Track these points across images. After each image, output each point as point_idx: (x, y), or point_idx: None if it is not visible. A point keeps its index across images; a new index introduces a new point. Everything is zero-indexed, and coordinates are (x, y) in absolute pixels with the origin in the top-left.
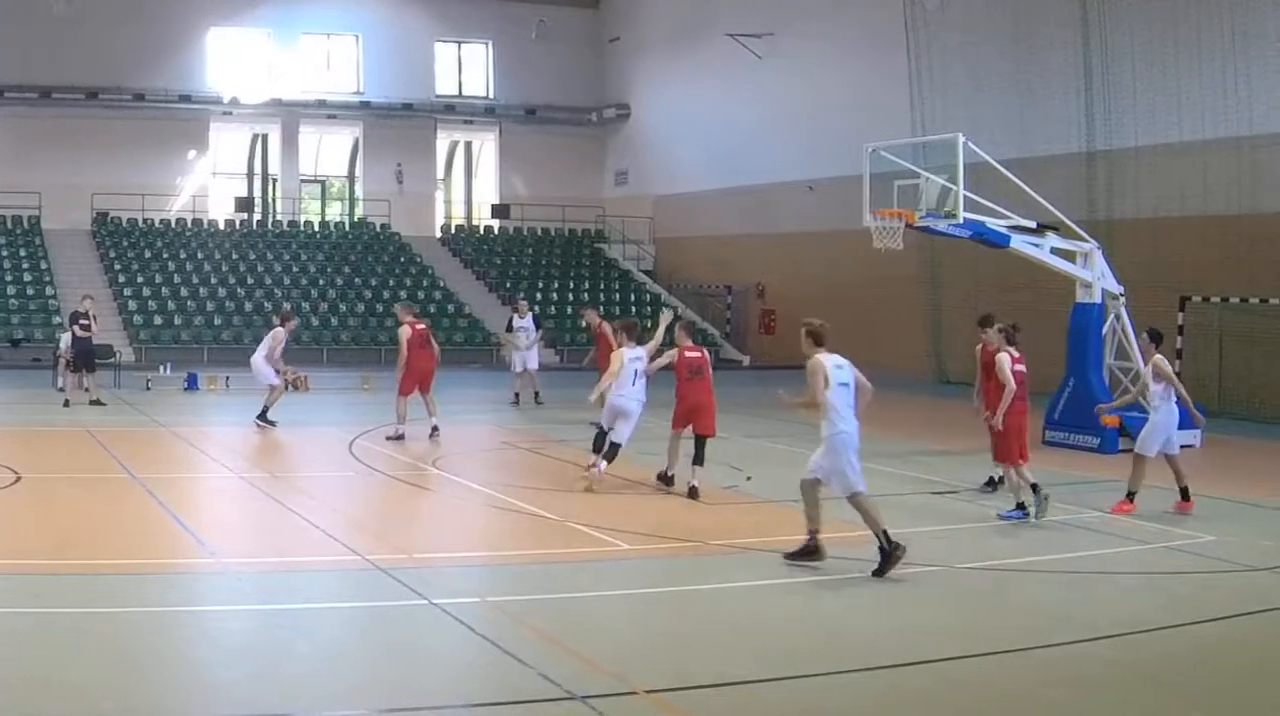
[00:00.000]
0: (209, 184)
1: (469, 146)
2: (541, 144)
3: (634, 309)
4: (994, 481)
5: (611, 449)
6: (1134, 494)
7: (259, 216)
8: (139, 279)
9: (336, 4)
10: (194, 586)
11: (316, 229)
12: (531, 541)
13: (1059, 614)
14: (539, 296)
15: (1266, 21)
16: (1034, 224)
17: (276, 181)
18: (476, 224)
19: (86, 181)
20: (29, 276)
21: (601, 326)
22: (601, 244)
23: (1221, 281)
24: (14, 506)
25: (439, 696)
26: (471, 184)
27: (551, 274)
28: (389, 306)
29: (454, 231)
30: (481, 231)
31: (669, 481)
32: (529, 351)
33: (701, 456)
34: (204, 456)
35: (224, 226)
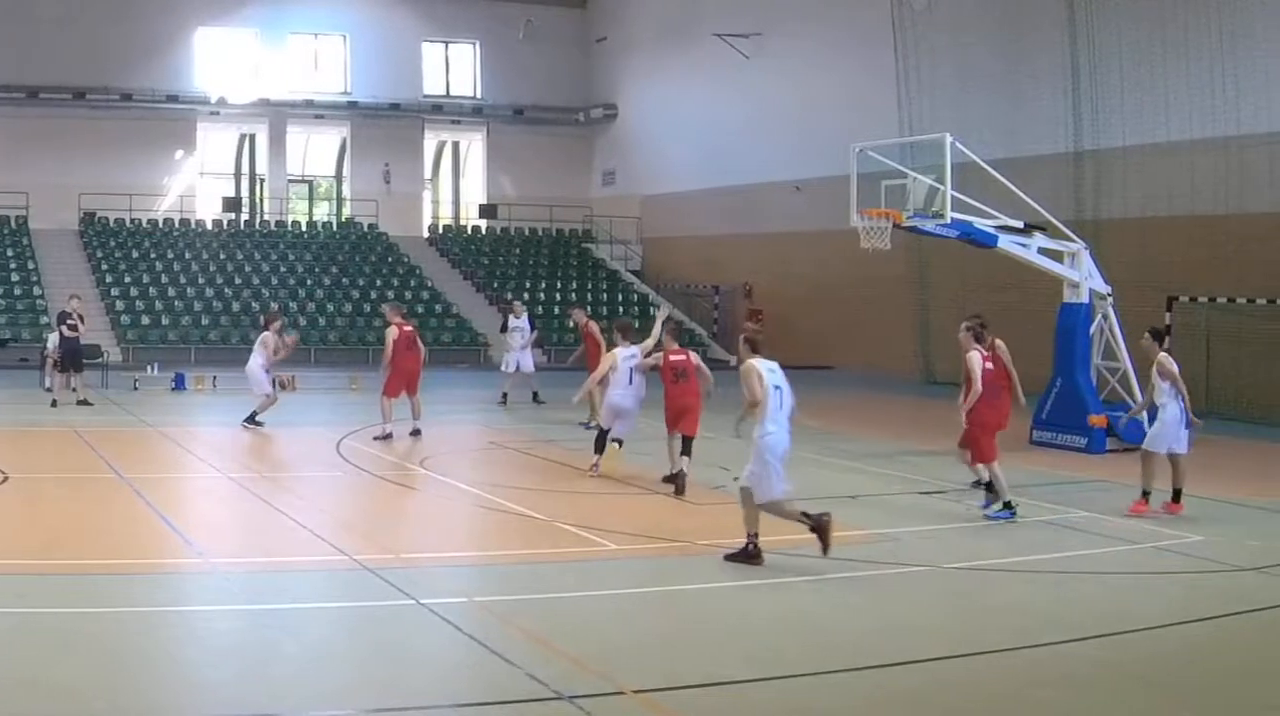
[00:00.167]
0: (196, 184)
1: (456, 146)
2: (529, 144)
3: (621, 309)
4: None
5: (601, 436)
6: (1148, 493)
7: (246, 216)
8: (126, 279)
9: (324, 4)
10: (181, 586)
11: (304, 229)
12: (519, 541)
13: (1047, 614)
14: (526, 296)
15: (1254, 21)
16: (1021, 224)
17: (264, 181)
18: (464, 224)
19: (74, 181)
20: (16, 276)
21: (589, 326)
22: (589, 244)
23: (1209, 281)
24: (1, 506)
25: (426, 696)
26: (459, 184)
27: (539, 274)
28: (376, 306)
29: (441, 231)
30: (469, 231)
31: (674, 479)
32: (523, 352)
33: (688, 449)
34: (191, 456)
35: (211, 226)
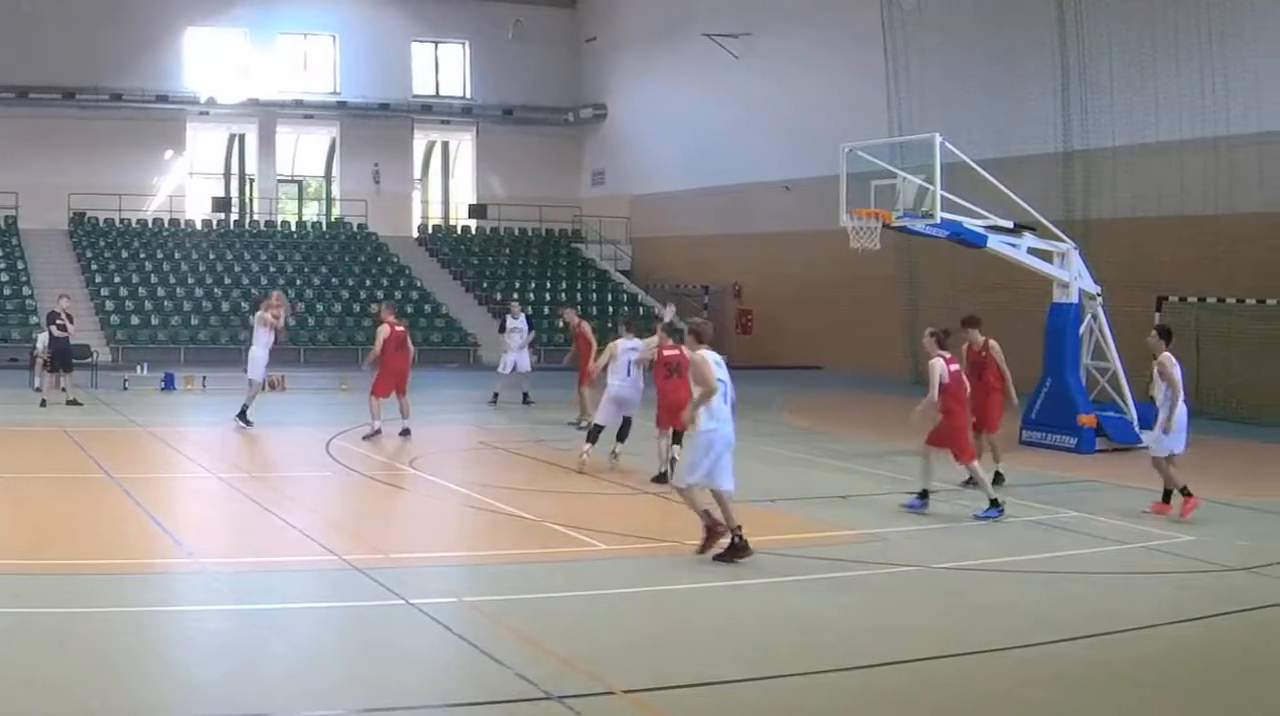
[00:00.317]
0: (186, 184)
1: (446, 146)
2: (518, 144)
3: (610, 309)
4: (999, 476)
5: (596, 429)
6: (1170, 493)
7: (236, 216)
8: (116, 279)
9: (313, 4)
10: (171, 586)
11: (293, 229)
12: (508, 541)
13: (1037, 613)
14: (515, 296)
15: (1243, 22)
16: (1011, 224)
17: (253, 181)
18: (453, 224)
19: (63, 181)
20: (5, 276)
21: (581, 326)
22: (578, 244)
23: (1198, 281)
24: None
25: (416, 696)
26: (448, 184)
27: (528, 274)
28: (366, 306)
29: (431, 231)
30: (458, 231)
31: (663, 479)
32: (520, 352)
33: (679, 441)
34: (181, 456)
35: (201, 226)
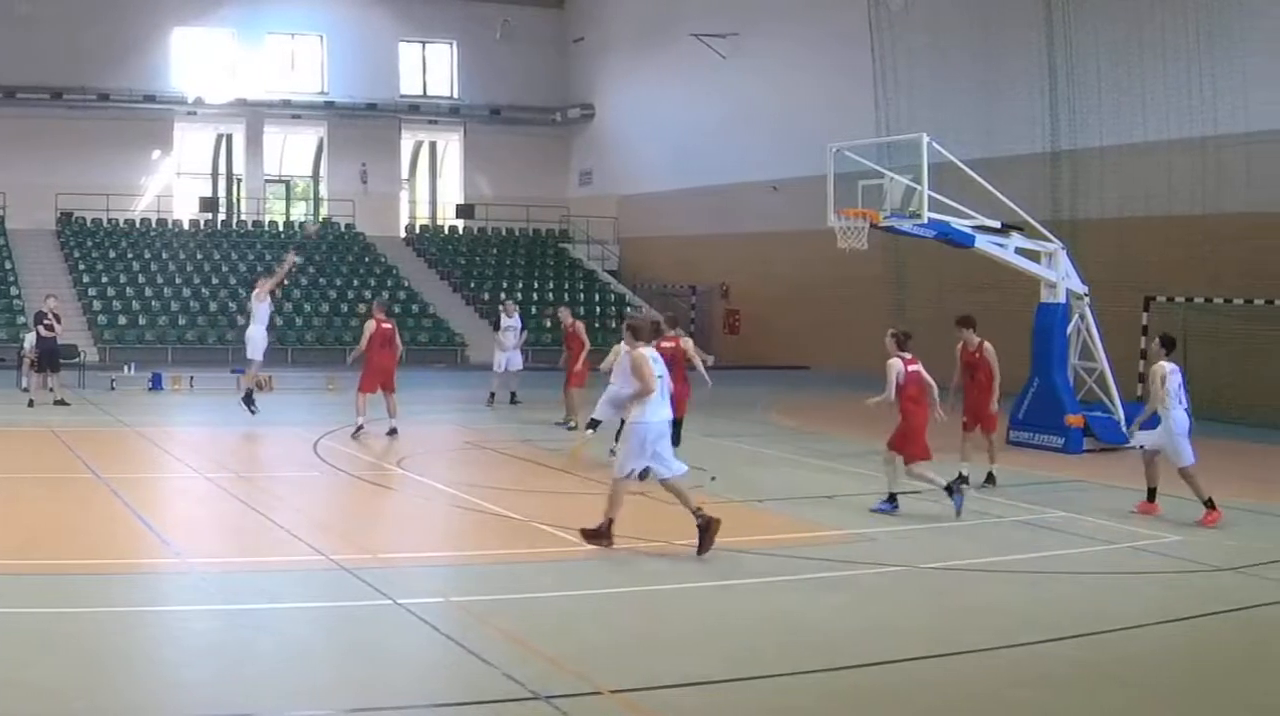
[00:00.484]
0: (173, 184)
1: (433, 146)
2: (506, 144)
3: (598, 309)
4: (962, 478)
5: (594, 423)
6: (1211, 501)
7: (223, 216)
8: (103, 279)
9: (301, 4)
10: (159, 586)
11: (281, 229)
12: (496, 541)
13: (1024, 614)
14: (503, 296)
15: (1231, 22)
16: (999, 224)
17: (241, 181)
18: (441, 224)
19: (51, 181)
20: None
21: (575, 326)
22: (566, 244)
23: (1186, 281)
24: None
25: (404, 696)
26: (436, 184)
27: (516, 274)
28: (354, 307)
29: (418, 231)
30: (446, 231)
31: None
32: (514, 352)
33: (677, 436)
34: (168, 456)
35: (188, 226)
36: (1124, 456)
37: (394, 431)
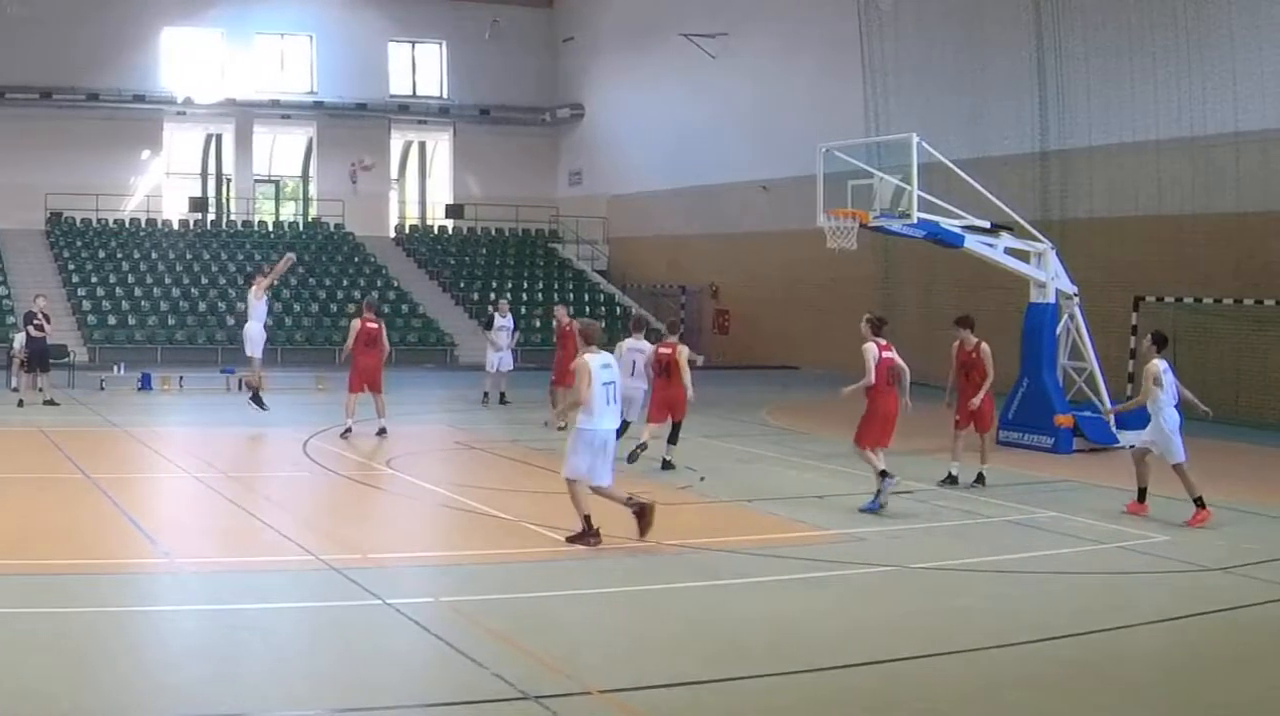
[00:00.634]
0: (163, 184)
1: (423, 146)
2: (495, 144)
3: (587, 309)
4: (952, 477)
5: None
6: (1201, 499)
7: (213, 216)
8: (93, 279)
9: (290, 4)
10: (148, 586)
11: (270, 229)
12: (486, 541)
13: (1014, 614)
14: (492, 296)
15: (1220, 22)
16: (988, 224)
17: (230, 181)
18: (430, 224)
19: (40, 181)
20: None
21: (571, 326)
22: (555, 244)
23: (1175, 281)
24: None
25: (393, 696)
26: (425, 184)
27: (505, 274)
28: (343, 307)
29: (408, 231)
30: (435, 231)
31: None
32: (506, 352)
33: (675, 436)
34: (158, 456)
35: (178, 226)
36: (1113, 456)
37: (383, 431)
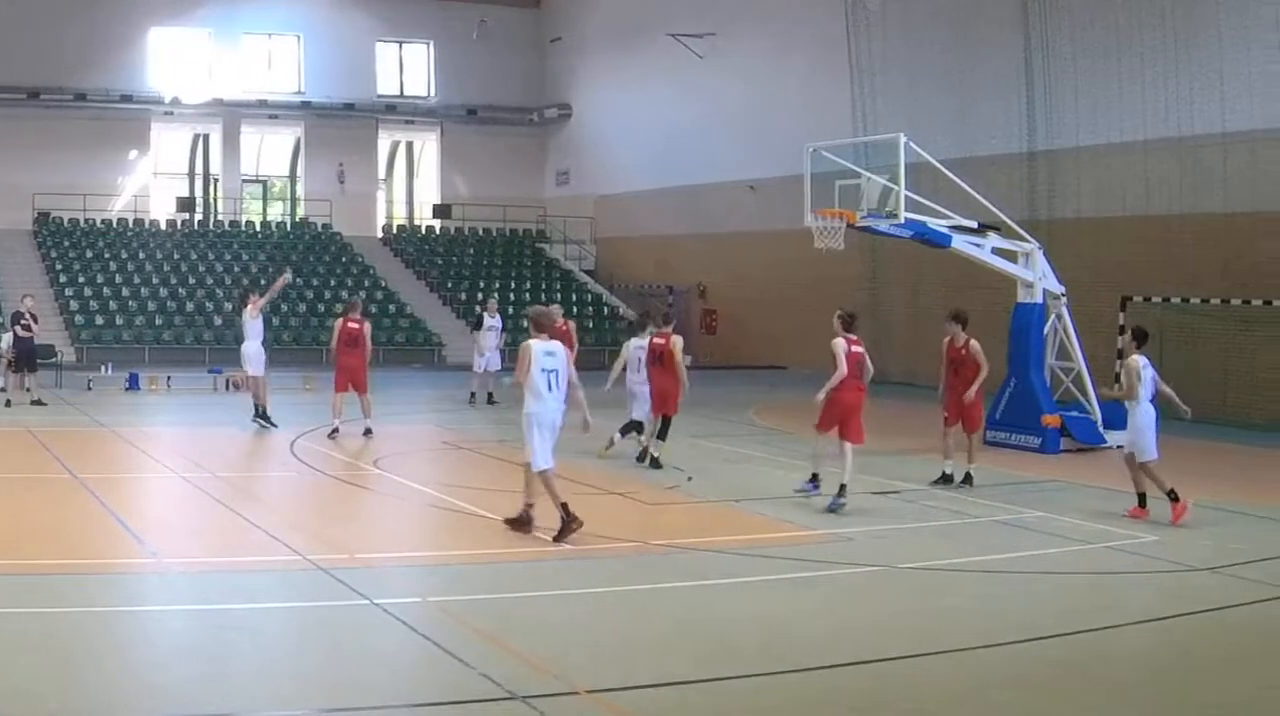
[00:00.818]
0: (150, 184)
1: (410, 146)
2: (483, 144)
3: (575, 309)
4: (946, 476)
5: (631, 425)
6: (1173, 492)
7: (200, 216)
8: (80, 279)
9: (278, 4)
10: (135, 586)
11: (258, 229)
12: (473, 541)
13: (1002, 614)
14: (480, 296)
15: (1207, 22)
16: (976, 224)
17: (218, 181)
18: (418, 224)
19: (27, 181)
20: None
21: (566, 326)
22: (543, 244)
23: (1163, 281)
24: None
25: (380, 696)
26: (413, 184)
27: (493, 274)
28: (330, 307)
29: (395, 231)
30: (423, 231)
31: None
32: (494, 352)
33: (665, 432)
34: (145, 456)
35: (165, 226)
36: (1101, 456)
37: (369, 432)
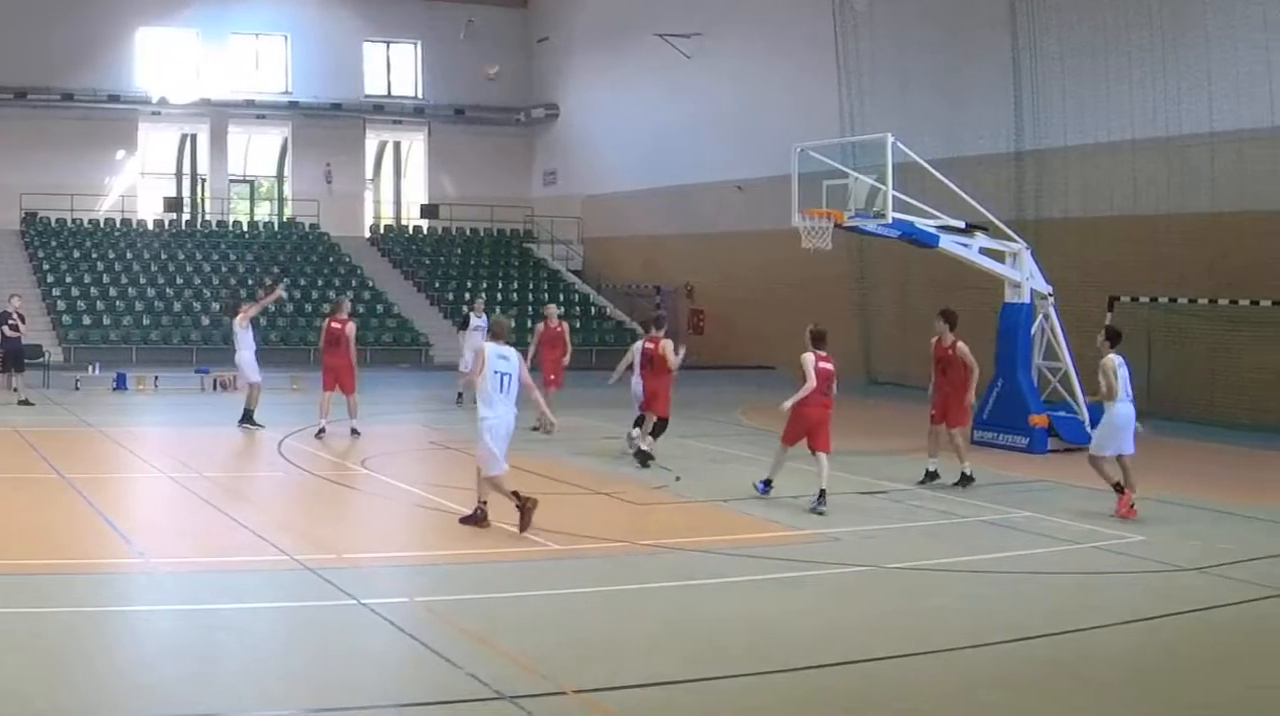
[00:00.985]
0: (138, 184)
1: (398, 146)
2: (470, 144)
3: (562, 310)
4: (930, 474)
5: (644, 420)
6: (1119, 485)
7: (188, 216)
8: (68, 279)
9: (265, 4)
10: (123, 586)
11: (245, 229)
12: (460, 541)
13: (990, 614)
14: (467, 296)
15: (1195, 22)
16: (963, 224)
17: (205, 181)
18: (405, 224)
19: (15, 181)
20: None
21: (561, 326)
22: (530, 244)
23: (1150, 282)
24: None
25: (368, 696)
26: (400, 184)
27: (480, 274)
28: (318, 307)
29: (383, 231)
30: (410, 231)
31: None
32: None
33: (659, 434)
34: (133, 456)
35: (153, 226)
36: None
37: (355, 432)
